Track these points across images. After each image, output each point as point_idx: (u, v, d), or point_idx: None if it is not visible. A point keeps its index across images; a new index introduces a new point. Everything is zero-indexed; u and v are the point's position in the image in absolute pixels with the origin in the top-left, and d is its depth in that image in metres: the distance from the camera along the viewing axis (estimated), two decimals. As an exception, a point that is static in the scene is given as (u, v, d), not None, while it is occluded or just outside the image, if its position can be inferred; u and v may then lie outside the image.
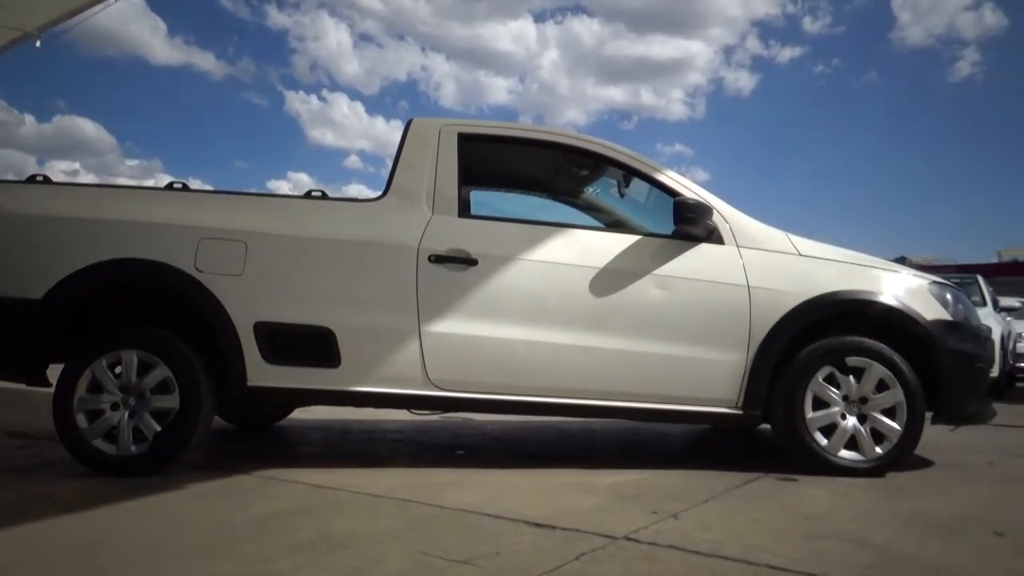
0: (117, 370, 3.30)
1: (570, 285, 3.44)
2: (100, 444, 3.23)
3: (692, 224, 3.45)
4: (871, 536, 2.43)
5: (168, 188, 3.68)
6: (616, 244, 3.53)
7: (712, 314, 3.44)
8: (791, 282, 3.46)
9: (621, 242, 3.54)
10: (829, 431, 3.40)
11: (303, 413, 5.05)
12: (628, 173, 3.83)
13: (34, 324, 3.28)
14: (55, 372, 3.32)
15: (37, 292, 3.27)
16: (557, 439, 4.64)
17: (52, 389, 3.27)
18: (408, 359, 3.37)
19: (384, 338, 3.39)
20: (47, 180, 3.54)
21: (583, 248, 3.53)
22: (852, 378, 3.41)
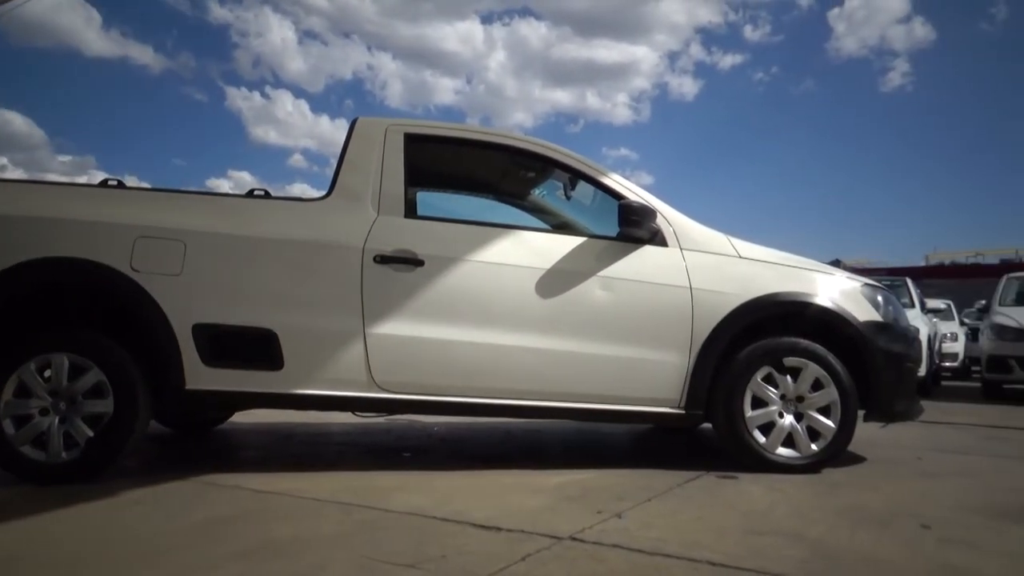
0: (47, 374, 3.17)
1: (516, 286, 3.45)
2: (28, 451, 3.11)
3: (636, 227, 3.50)
4: (806, 531, 2.51)
5: (103, 185, 3.56)
6: (562, 245, 3.56)
7: (655, 315, 3.50)
8: (732, 284, 3.54)
9: (567, 244, 3.57)
10: (767, 429, 3.49)
11: (244, 416, 4.95)
12: (574, 176, 3.87)
13: (-43, 326, 3.13)
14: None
15: (-40, 292, 3.13)
16: (503, 440, 4.65)
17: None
18: (352, 361, 3.33)
19: (328, 340, 3.34)
20: (-29, 175, 3.39)
21: (529, 249, 3.55)
22: (789, 378, 3.51)
